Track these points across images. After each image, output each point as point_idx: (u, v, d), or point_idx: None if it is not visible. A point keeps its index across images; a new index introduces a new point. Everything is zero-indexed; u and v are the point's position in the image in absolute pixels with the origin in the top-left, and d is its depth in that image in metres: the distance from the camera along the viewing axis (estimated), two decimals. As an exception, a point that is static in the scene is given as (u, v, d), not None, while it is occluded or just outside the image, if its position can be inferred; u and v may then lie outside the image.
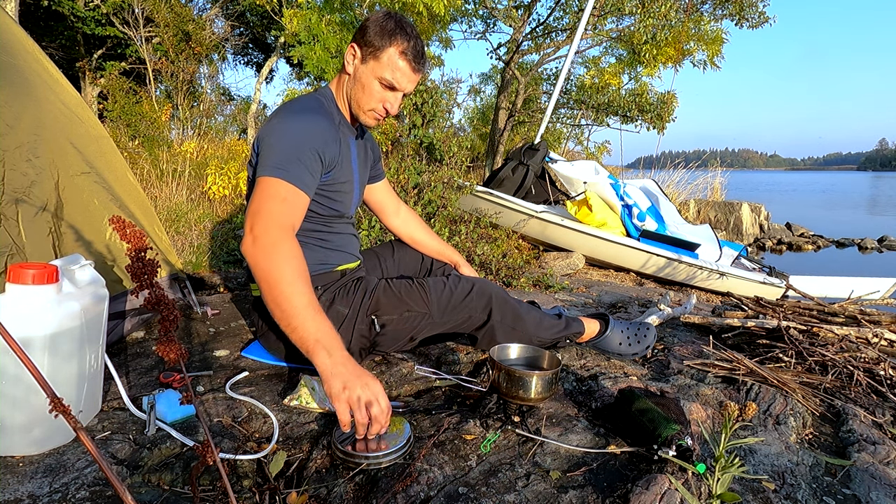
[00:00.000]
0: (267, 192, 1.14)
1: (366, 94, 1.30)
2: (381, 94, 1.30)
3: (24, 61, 1.45)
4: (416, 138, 4.88)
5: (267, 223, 1.10)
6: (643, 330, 1.58)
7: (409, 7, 5.66)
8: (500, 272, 3.19)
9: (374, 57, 1.26)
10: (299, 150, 1.19)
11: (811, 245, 8.31)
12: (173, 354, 0.65)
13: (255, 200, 1.14)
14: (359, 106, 1.33)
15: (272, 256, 1.06)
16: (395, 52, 1.26)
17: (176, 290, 1.81)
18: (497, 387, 1.21)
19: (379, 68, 1.27)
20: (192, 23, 8.58)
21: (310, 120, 1.25)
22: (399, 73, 1.27)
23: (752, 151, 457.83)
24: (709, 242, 4.09)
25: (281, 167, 1.16)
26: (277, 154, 1.18)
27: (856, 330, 1.64)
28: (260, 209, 1.12)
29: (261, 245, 1.08)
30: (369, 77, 1.28)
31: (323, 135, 1.25)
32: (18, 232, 1.17)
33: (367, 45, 1.26)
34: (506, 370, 1.19)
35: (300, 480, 0.96)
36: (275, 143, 1.20)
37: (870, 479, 1.01)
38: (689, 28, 7.34)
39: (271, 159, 1.17)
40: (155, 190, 4.37)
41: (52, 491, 0.86)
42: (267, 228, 1.09)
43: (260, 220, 1.10)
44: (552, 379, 1.19)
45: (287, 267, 1.06)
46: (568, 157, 8.72)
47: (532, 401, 1.19)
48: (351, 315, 1.32)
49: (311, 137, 1.22)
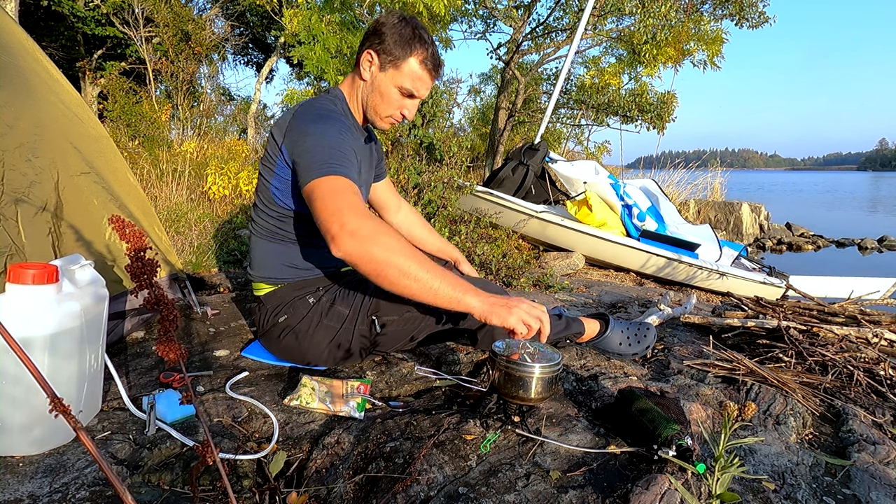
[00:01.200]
0: (335, 190, 1.09)
1: (384, 101, 1.30)
2: (399, 102, 1.31)
3: (24, 61, 1.45)
4: (416, 138, 4.88)
5: (356, 216, 1.05)
6: (643, 330, 1.58)
7: (409, 7, 5.66)
8: (500, 272, 3.19)
9: (393, 66, 1.27)
10: (341, 148, 1.17)
11: (811, 245, 8.31)
12: (173, 354, 0.65)
13: (325, 203, 1.08)
14: (376, 112, 1.33)
15: (381, 243, 1.03)
16: (415, 62, 1.26)
17: (176, 290, 1.81)
18: (497, 387, 1.20)
19: (399, 77, 1.27)
20: (191, 23, 8.58)
21: (339, 122, 1.25)
22: (419, 81, 1.28)
23: (752, 151, 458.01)
24: (709, 242, 4.09)
25: (332, 164, 1.13)
26: (322, 154, 1.14)
27: (856, 330, 1.64)
28: (340, 207, 1.07)
29: (364, 237, 1.02)
30: (388, 85, 1.28)
31: (351, 136, 1.25)
32: (18, 232, 1.17)
33: (385, 53, 1.26)
34: (505, 370, 1.17)
35: (300, 480, 0.96)
36: (315, 145, 1.16)
37: (870, 479, 1.01)
38: (689, 28, 7.34)
39: (319, 160, 1.13)
40: (155, 190, 4.37)
41: (52, 491, 0.86)
42: (360, 220, 1.04)
43: (346, 216, 1.04)
44: (553, 379, 1.18)
45: (398, 249, 1.03)
46: (568, 157, 8.72)
47: (532, 401, 1.18)
48: (351, 315, 1.32)
49: (346, 137, 1.22)
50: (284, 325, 1.34)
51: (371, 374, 1.39)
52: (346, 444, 1.05)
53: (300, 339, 1.33)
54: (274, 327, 1.36)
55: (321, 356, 1.35)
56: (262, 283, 1.38)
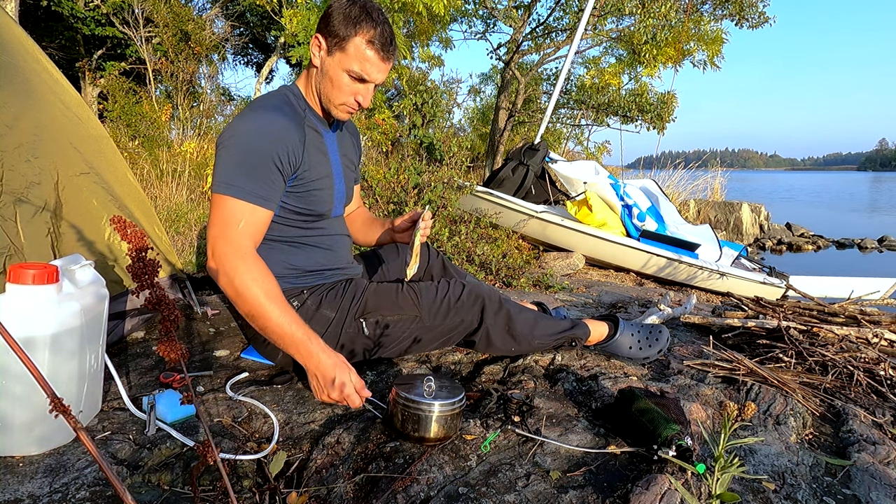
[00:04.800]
0: (221, 214, 1.13)
1: (335, 87, 1.22)
2: (351, 87, 1.22)
3: (24, 61, 1.45)
4: (416, 138, 4.88)
5: (224, 249, 1.11)
6: (655, 333, 1.49)
7: (409, 7, 5.66)
8: (500, 272, 3.20)
9: (339, 48, 1.18)
10: (251, 161, 1.14)
11: (811, 245, 8.31)
12: (174, 354, 0.65)
13: (211, 222, 1.14)
14: (329, 100, 1.25)
15: (235, 282, 1.09)
16: (361, 42, 1.17)
17: (176, 290, 1.81)
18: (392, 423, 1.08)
19: (346, 60, 1.18)
20: (191, 23, 8.58)
21: (266, 121, 1.17)
22: (368, 63, 1.19)
23: (752, 151, 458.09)
24: (709, 242, 4.09)
25: (232, 183, 1.12)
26: (228, 168, 1.14)
27: (856, 330, 1.64)
28: (216, 233, 1.12)
29: (223, 272, 1.10)
30: (337, 70, 1.20)
31: (280, 137, 1.17)
32: (17, 232, 1.17)
33: (331, 35, 1.18)
34: (402, 404, 1.04)
35: (300, 480, 0.96)
36: (225, 154, 1.15)
37: (870, 479, 1.01)
38: (689, 28, 7.34)
39: (222, 174, 1.13)
40: (155, 190, 4.37)
41: (52, 491, 0.86)
42: (225, 254, 1.11)
43: (218, 245, 1.11)
44: (454, 416, 1.05)
45: (250, 291, 1.09)
46: (568, 157, 8.72)
47: (430, 441, 1.04)
48: (338, 319, 1.29)
49: (265, 143, 1.15)
50: None
51: (371, 375, 1.39)
52: (346, 444, 1.05)
53: None
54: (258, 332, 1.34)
55: None
56: None
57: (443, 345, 1.40)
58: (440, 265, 1.65)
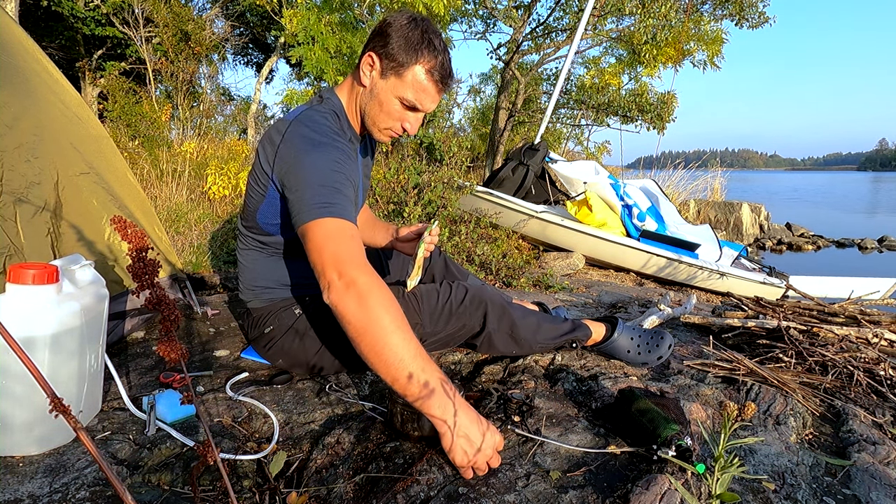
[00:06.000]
0: (330, 235, 1.00)
1: (384, 112, 1.17)
2: (400, 114, 1.17)
3: (24, 61, 1.45)
4: (416, 138, 4.88)
5: (355, 266, 0.97)
6: (656, 339, 1.45)
7: (409, 7, 5.66)
8: (500, 272, 3.20)
9: (395, 73, 1.13)
10: (336, 184, 1.07)
11: (811, 245, 8.31)
12: (174, 354, 0.65)
13: (322, 248, 1.00)
14: (374, 123, 1.21)
15: (368, 303, 0.94)
16: (421, 71, 1.12)
17: (176, 291, 1.81)
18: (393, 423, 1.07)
19: (401, 87, 1.13)
20: (191, 23, 8.58)
21: (334, 148, 1.12)
22: (424, 94, 1.14)
23: (752, 151, 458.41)
24: (709, 242, 4.10)
25: (327, 205, 1.03)
26: (315, 193, 1.04)
27: (856, 330, 1.63)
28: (337, 254, 0.98)
29: (356, 292, 0.95)
30: (388, 95, 1.15)
31: (349, 160, 1.13)
32: (17, 232, 1.17)
33: (388, 57, 1.12)
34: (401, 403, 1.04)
35: (300, 480, 0.96)
36: (307, 181, 1.06)
37: (870, 480, 1.01)
38: (689, 28, 7.35)
39: (313, 199, 1.04)
40: (155, 190, 4.37)
41: (52, 491, 0.86)
42: (358, 272, 0.96)
43: (346, 265, 0.97)
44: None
45: (387, 314, 0.94)
46: (568, 157, 8.73)
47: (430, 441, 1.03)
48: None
49: (341, 166, 1.10)
50: (270, 335, 1.31)
51: (371, 375, 1.39)
52: (346, 444, 1.05)
53: (286, 349, 1.30)
54: (261, 337, 1.33)
55: (308, 364, 1.32)
56: (249, 293, 1.35)
57: (444, 348, 1.40)
58: (442, 264, 1.65)
